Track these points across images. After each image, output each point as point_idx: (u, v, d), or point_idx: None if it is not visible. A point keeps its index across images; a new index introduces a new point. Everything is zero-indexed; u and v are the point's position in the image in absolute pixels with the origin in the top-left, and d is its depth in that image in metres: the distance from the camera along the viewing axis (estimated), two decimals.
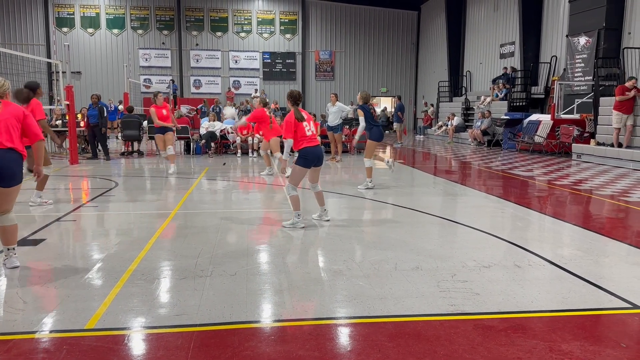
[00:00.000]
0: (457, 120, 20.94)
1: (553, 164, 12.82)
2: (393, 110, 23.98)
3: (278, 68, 29.98)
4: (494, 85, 20.14)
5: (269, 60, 29.87)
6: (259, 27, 29.70)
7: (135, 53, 28.80)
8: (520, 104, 18.79)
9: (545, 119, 15.90)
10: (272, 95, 28.48)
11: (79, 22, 28.36)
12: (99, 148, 13.66)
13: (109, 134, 17.98)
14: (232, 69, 29.74)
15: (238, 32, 29.57)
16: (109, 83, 28.16)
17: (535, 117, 16.73)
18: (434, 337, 3.13)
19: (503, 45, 21.64)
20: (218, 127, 14.90)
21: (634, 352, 2.97)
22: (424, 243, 5.35)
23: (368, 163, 8.79)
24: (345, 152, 14.82)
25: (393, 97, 27.77)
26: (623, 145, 12.31)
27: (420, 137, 24.25)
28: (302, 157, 5.98)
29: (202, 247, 5.10)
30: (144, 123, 15.05)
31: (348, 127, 16.03)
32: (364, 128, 8.69)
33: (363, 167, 9.04)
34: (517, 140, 16.49)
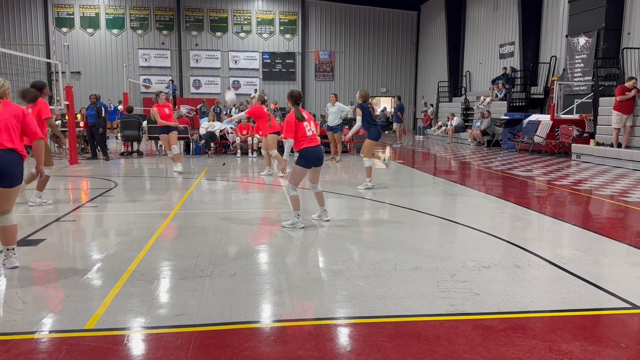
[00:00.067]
0: (456, 121, 20.94)
1: (552, 164, 12.82)
2: (393, 111, 24.01)
3: (278, 68, 29.98)
4: (494, 86, 20.15)
5: (269, 61, 29.86)
6: (259, 27, 29.71)
7: (135, 53, 28.80)
8: (520, 104, 18.80)
9: (545, 119, 15.91)
10: (271, 96, 28.45)
11: (79, 22, 28.37)
12: (98, 148, 13.65)
13: (109, 134, 17.99)
14: (231, 69, 29.74)
15: (238, 32, 29.57)
16: (109, 83, 28.15)
17: (535, 117, 16.74)
18: (434, 337, 3.13)
19: (503, 46, 21.64)
20: (218, 127, 14.90)
21: (634, 352, 2.98)
22: (424, 243, 5.35)
23: (367, 162, 8.80)
24: (345, 152, 14.83)
25: (393, 97, 27.79)
26: (622, 146, 12.32)
27: (420, 137, 24.26)
28: (302, 157, 5.98)
29: (201, 247, 5.09)
30: (144, 123, 15.05)
31: (348, 127, 16.01)
32: (361, 127, 8.73)
33: (362, 167, 9.05)
34: (516, 141, 16.49)
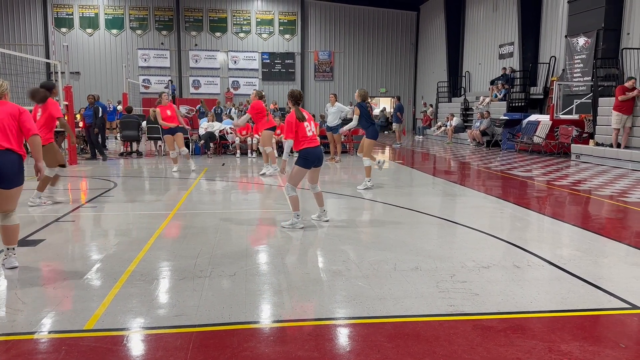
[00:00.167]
0: (456, 121, 20.95)
1: (552, 165, 12.82)
2: (392, 111, 24.01)
3: (277, 68, 29.98)
4: (493, 86, 20.16)
5: (268, 61, 29.86)
6: (258, 27, 29.71)
7: (134, 53, 28.80)
8: (519, 105, 18.81)
9: (544, 120, 15.92)
10: (271, 96, 28.47)
11: (78, 22, 28.37)
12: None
13: (108, 134, 17.99)
14: (231, 70, 29.74)
15: (237, 32, 29.57)
16: (108, 83, 28.15)
17: (534, 117, 16.75)
18: (433, 337, 3.13)
19: (502, 46, 21.65)
20: (217, 127, 14.90)
21: (633, 352, 2.98)
22: (423, 243, 5.35)
23: (367, 162, 8.80)
24: (345, 152, 14.83)
25: (392, 97, 27.79)
26: (621, 146, 12.32)
27: (420, 137, 24.27)
28: (302, 157, 5.97)
29: (201, 247, 5.09)
30: (143, 123, 15.05)
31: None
32: (359, 126, 8.81)
33: (362, 167, 9.06)
34: (516, 141, 16.50)
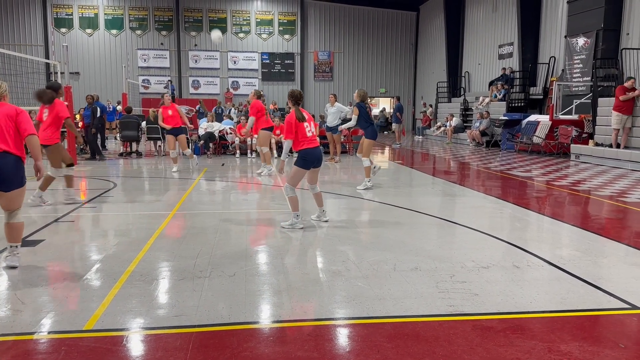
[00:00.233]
0: (455, 121, 20.95)
1: (551, 165, 12.83)
2: (392, 111, 24.02)
3: (277, 69, 29.97)
4: (493, 87, 20.16)
5: (268, 61, 29.85)
6: (258, 27, 29.69)
7: (134, 54, 28.78)
8: (519, 105, 18.81)
9: (544, 120, 15.92)
10: (270, 96, 28.48)
11: (78, 22, 28.34)
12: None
13: (108, 135, 17.99)
14: (230, 70, 29.73)
15: (237, 32, 29.56)
16: (108, 84, 28.13)
17: (534, 117, 16.75)
18: (433, 337, 3.13)
19: (502, 46, 21.65)
20: (217, 127, 14.90)
21: (633, 352, 2.98)
22: (423, 244, 5.35)
23: (366, 162, 8.81)
24: (344, 152, 14.83)
25: (392, 97, 27.80)
26: (621, 146, 12.33)
27: (419, 137, 24.28)
28: (301, 158, 5.97)
29: (200, 248, 5.09)
30: (143, 124, 15.05)
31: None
32: (358, 126, 8.86)
33: (361, 168, 9.06)
34: (515, 141, 16.51)
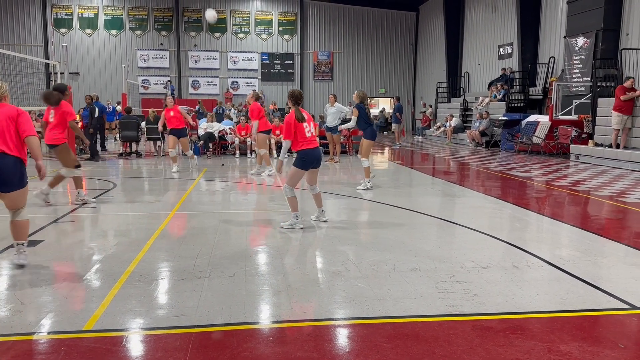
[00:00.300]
0: (455, 121, 20.96)
1: (551, 165, 12.83)
2: (391, 111, 24.02)
3: (276, 69, 29.97)
4: (493, 87, 20.16)
5: (268, 61, 29.85)
6: (258, 28, 29.69)
7: (134, 54, 28.78)
8: (519, 105, 18.82)
9: (544, 120, 15.93)
10: (270, 96, 28.49)
11: (77, 23, 28.33)
12: (97, 149, 13.64)
13: (107, 135, 17.98)
14: (230, 70, 29.73)
15: (236, 33, 29.56)
16: (107, 84, 28.12)
17: (534, 118, 16.76)
18: (433, 338, 3.13)
19: (501, 46, 21.66)
20: (216, 128, 14.90)
21: (632, 352, 2.98)
22: (423, 244, 5.35)
23: (365, 163, 8.81)
24: (344, 153, 14.83)
25: (391, 98, 27.80)
26: (620, 146, 12.33)
27: (419, 138, 24.29)
28: (300, 158, 5.95)
29: (200, 248, 5.09)
30: (142, 124, 15.05)
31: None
32: (358, 127, 8.88)
33: (361, 168, 9.06)
34: (515, 141, 16.51)
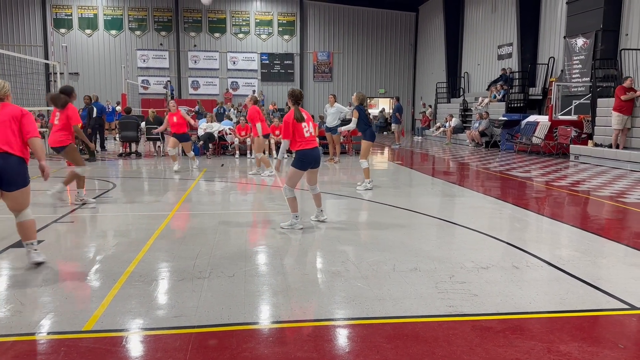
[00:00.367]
0: (455, 122, 20.96)
1: (551, 165, 12.84)
2: (391, 112, 24.03)
3: (276, 69, 29.98)
4: (492, 87, 20.17)
5: (267, 62, 29.86)
6: (257, 28, 29.70)
7: (133, 54, 28.78)
8: (518, 105, 18.83)
9: (543, 120, 15.93)
10: (270, 97, 28.49)
11: (77, 23, 28.34)
12: (97, 149, 13.64)
13: (107, 135, 17.99)
14: (230, 70, 29.73)
15: (236, 33, 29.57)
16: (107, 84, 28.12)
17: (533, 118, 16.76)
18: (433, 338, 3.13)
19: (501, 47, 21.67)
20: (216, 128, 14.90)
21: (632, 352, 2.98)
22: (422, 244, 5.35)
23: (365, 164, 8.81)
24: (344, 153, 14.83)
25: (391, 98, 27.81)
26: (620, 147, 12.33)
27: (418, 138, 24.29)
28: (298, 159, 5.92)
29: (200, 248, 5.09)
30: (142, 124, 15.06)
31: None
32: (356, 128, 8.96)
33: (361, 168, 9.05)
34: (515, 142, 16.51)
